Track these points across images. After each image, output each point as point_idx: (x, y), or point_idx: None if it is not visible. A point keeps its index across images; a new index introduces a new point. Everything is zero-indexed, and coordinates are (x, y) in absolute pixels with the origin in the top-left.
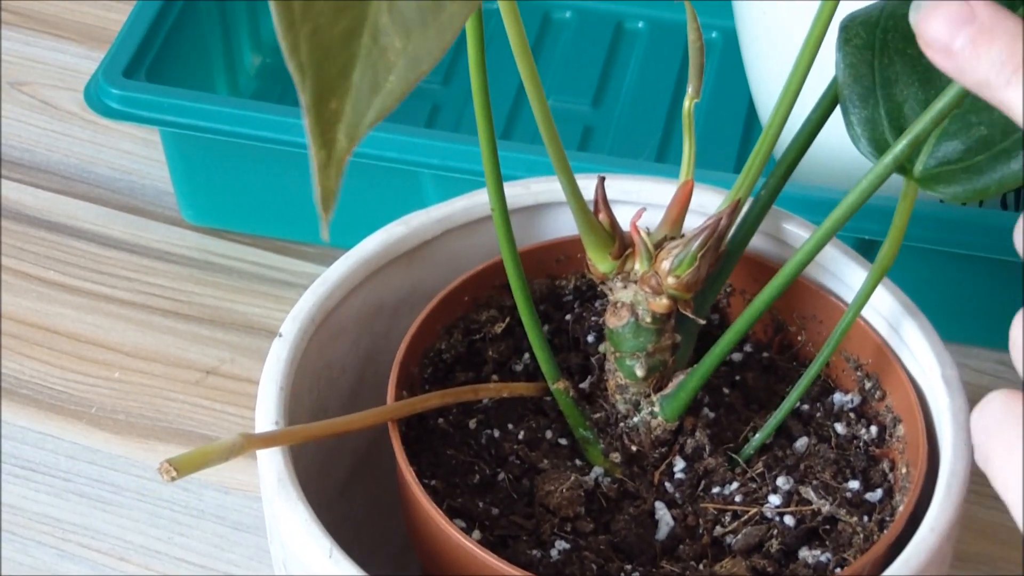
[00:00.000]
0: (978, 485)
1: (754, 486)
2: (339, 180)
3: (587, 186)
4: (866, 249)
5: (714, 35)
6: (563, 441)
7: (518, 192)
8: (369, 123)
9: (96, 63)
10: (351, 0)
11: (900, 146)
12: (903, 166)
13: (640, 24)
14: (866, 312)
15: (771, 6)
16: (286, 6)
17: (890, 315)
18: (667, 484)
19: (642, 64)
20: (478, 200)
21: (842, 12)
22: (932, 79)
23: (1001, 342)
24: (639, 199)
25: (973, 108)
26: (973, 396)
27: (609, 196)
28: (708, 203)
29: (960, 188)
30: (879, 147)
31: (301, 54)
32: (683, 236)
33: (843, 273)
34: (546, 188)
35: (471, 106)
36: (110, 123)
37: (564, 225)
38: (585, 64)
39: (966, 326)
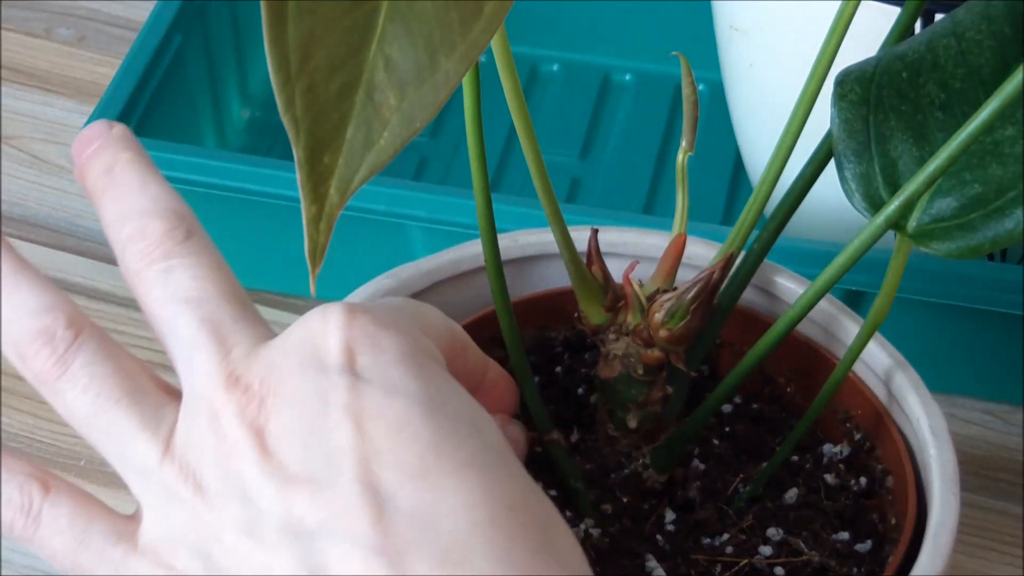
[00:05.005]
0: (965, 535)
1: (744, 537)
2: (329, 234)
3: (578, 238)
4: (854, 300)
5: (701, 87)
6: (553, 492)
7: (506, 244)
8: (361, 179)
9: (85, 117)
10: (349, 56)
11: (893, 206)
12: (897, 223)
13: (627, 77)
14: (855, 364)
15: (758, 61)
16: (283, 62)
17: (879, 367)
18: (658, 536)
19: (629, 116)
20: (466, 252)
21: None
22: (926, 135)
23: (988, 392)
24: (627, 251)
25: (967, 166)
26: (961, 446)
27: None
28: (697, 255)
29: (954, 245)
30: (873, 202)
31: (296, 109)
32: (675, 289)
33: (833, 327)
34: (534, 240)
35: (458, 159)
36: None
37: (552, 277)
38: (573, 117)
39: (953, 376)
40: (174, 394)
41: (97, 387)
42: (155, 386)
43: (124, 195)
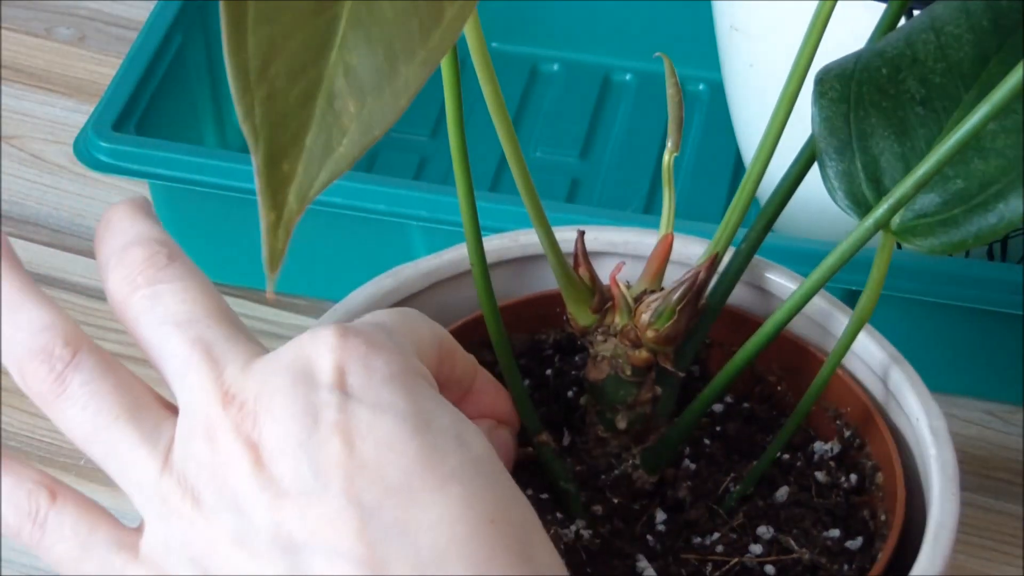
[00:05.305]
0: (965, 535)
1: (735, 536)
2: (287, 241)
3: (571, 239)
4: (852, 300)
5: (701, 87)
6: (544, 494)
7: (506, 244)
8: (320, 186)
9: (86, 117)
10: (310, 63)
11: (881, 210)
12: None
13: (628, 76)
14: (852, 362)
15: (759, 60)
16: (242, 69)
17: (876, 365)
18: (649, 536)
19: (630, 116)
20: (466, 252)
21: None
22: (907, 131)
23: (989, 392)
24: (625, 251)
25: (950, 161)
26: (961, 446)
27: (595, 248)
28: (695, 253)
29: (937, 241)
30: (856, 200)
31: (256, 117)
32: (663, 289)
33: (829, 323)
34: (535, 240)
35: None
36: (99, 176)
37: (552, 277)
38: (573, 116)
39: (954, 376)
40: (172, 409)
41: (96, 404)
42: (154, 402)
43: (112, 236)
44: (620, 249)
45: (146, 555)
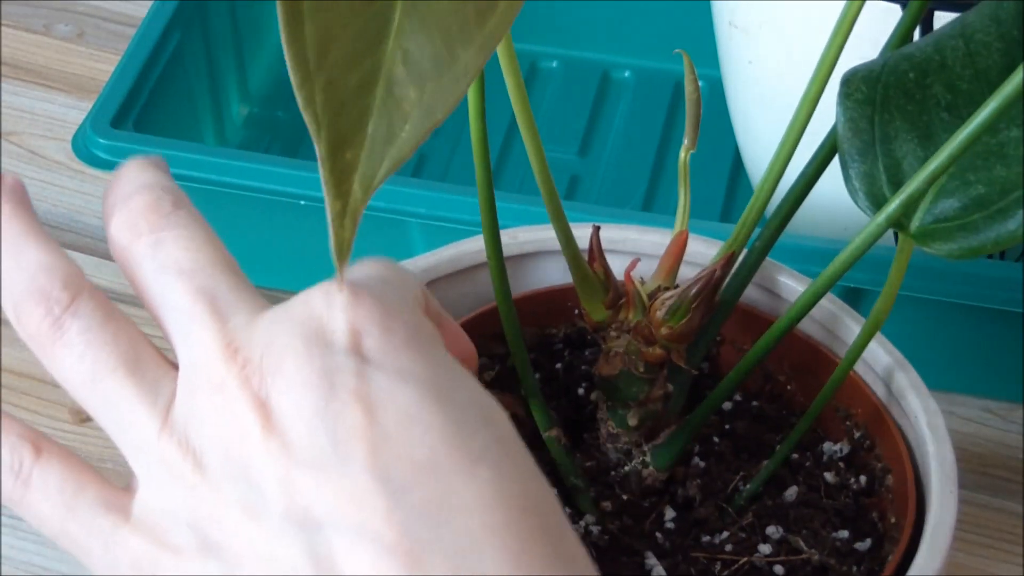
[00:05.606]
0: (964, 533)
1: (744, 535)
2: (354, 230)
3: (579, 235)
4: (853, 297)
5: (700, 84)
6: (554, 489)
7: (505, 242)
8: (384, 173)
9: (84, 113)
10: (367, 51)
11: (894, 206)
12: (900, 222)
13: (627, 73)
14: (856, 364)
15: (758, 57)
16: (301, 58)
17: (878, 365)
18: (658, 534)
19: (629, 113)
20: (465, 249)
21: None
22: (932, 136)
23: (987, 390)
24: (626, 248)
25: (971, 167)
26: (960, 444)
27: None
28: (697, 252)
29: (956, 245)
30: (877, 202)
31: (316, 105)
32: (677, 286)
33: (834, 326)
34: (533, 237)
35: (458, 155)
36: (98, 173)
37: (550, 274)
38: (572, 113)
39: (952, 374)
40: (175, 366)
41: (93, 354)
42: (155, 355)
43: (119, 185)
44: (619, 246)
45: (138, 518)
